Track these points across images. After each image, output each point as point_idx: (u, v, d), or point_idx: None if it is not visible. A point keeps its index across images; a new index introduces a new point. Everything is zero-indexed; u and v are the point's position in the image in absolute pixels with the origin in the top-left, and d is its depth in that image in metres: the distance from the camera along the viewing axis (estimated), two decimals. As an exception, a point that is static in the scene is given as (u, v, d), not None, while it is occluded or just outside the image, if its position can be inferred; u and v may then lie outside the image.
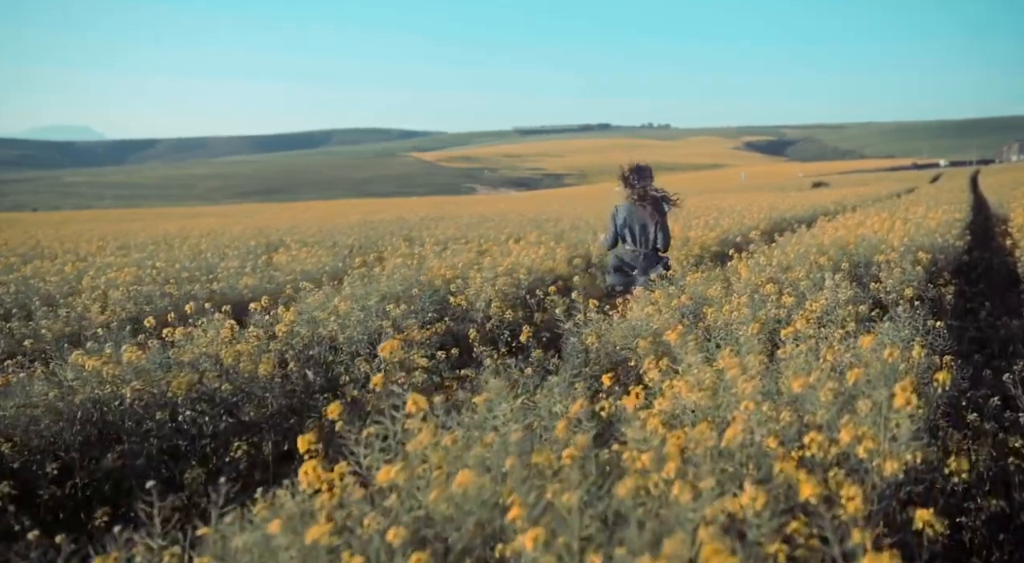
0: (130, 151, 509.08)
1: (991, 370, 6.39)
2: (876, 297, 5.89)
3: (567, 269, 8.83)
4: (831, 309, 5.16)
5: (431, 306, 6.91)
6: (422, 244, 12.21)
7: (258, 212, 44.65)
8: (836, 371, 3.16)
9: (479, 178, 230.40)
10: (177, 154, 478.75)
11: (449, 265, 7.59)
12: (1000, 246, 13.33)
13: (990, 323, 7.47)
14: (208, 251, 11.13)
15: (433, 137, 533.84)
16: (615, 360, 4.68)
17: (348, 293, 5.66)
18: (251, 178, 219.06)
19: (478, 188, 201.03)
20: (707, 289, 5.48)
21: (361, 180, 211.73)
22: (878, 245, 7.54)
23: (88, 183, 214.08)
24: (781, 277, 6.09)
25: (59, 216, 50.17)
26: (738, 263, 6.23)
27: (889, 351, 2.93)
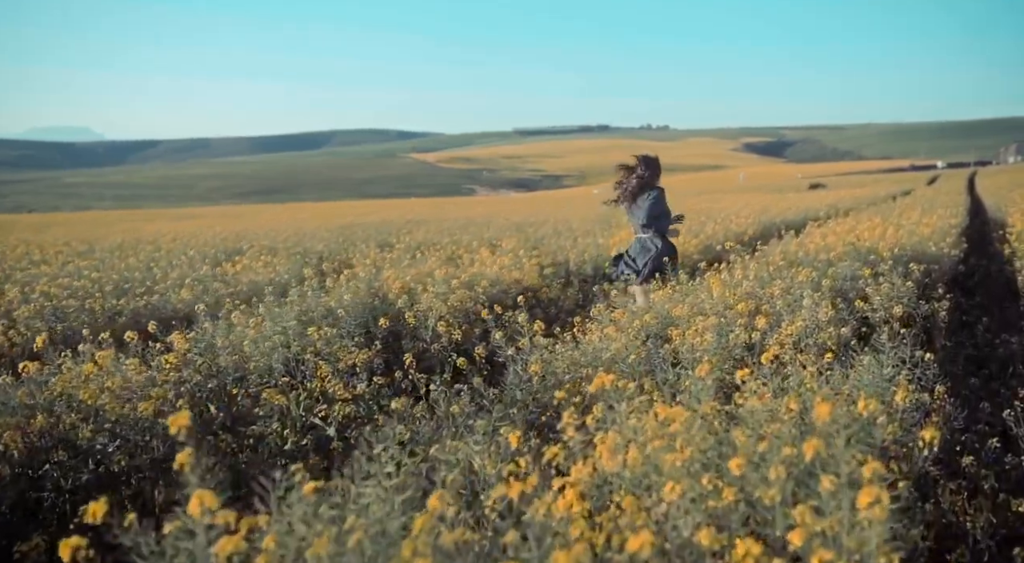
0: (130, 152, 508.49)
1: (988, 393, 5.86)
2: (862, 316, 5.33)
3: (537, 280, 8.26)
4: (810, 331, 4.60)
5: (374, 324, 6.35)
6: (392, 250, 11.64)
7: (250, 214, 44.07)
8: (801, 424, 2.61)
9: (479, 179, 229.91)
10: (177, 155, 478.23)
11: (412, 276, 7.01)
12: (997, 252, 12.76)
13: (988, 340, 6.91)
14: (164, 258, 10.55)
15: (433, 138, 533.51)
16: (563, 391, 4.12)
17: (263, 313, 5.08)
18: (251, 179, 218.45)
19: (478, 189, 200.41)
20: (674, 308, 4.91)
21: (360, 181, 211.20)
22: (867, 255, 6.98)
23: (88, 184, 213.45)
24: (760, 292, 5.53)
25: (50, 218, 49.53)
26: (711, 277, 5.67)
27: (864, 404, 2.37)
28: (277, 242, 13.76)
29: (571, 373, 4.13)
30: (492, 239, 12.78)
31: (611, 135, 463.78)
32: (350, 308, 5.79)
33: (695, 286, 5.68)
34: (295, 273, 8.56)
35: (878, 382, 2.98)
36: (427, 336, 5.81)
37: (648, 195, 6.76)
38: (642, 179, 6.77)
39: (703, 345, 4.02)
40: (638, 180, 6.77)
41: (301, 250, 12.50)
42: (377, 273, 7.35)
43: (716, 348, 4.06)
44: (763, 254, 7.76)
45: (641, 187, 6.78)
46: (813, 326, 4.60)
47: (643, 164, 6.80)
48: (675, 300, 5.32)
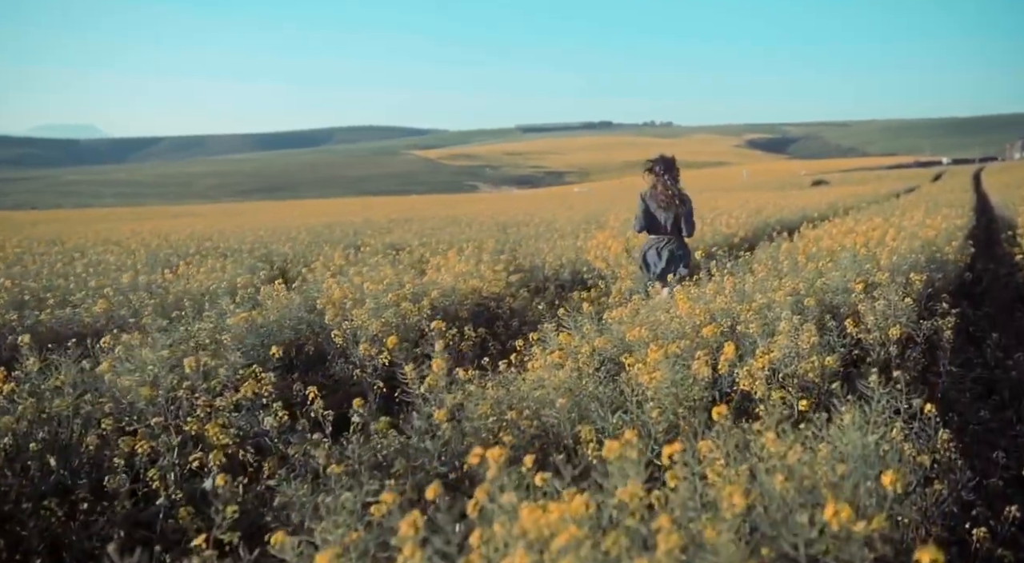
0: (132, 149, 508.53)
1: (1001, 425, 5.10)
2: (855, 338, 4.58)
3: (502, 287, 7.51)
4: (789, 360, 3.85)
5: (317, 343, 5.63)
6: (359, 252, 10.90)
7: (239, 213, 43.38)
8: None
9: (481, 176, 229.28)
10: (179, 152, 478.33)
11: (344, 289, 6.25)
12: (1006, 254, 11.97)
13: (997, 360, 6.15)
14: (105, 263, 9.81)
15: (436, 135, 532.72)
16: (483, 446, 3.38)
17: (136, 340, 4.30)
18: (251, 176, 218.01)
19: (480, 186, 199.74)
20: (630, 330, 4.16)
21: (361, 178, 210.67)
22: (863, 262, 6.21)
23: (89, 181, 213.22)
24: (737, 309, 4.78)
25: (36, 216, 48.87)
26: (679, 292, 4.90)
27: (832, 510, 1.62)
28: (244, 243, 13.02)
29: (496, 415, 3.39)
30: (468, 240, 12.03)
31: (614, 132, 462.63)
32: (266, 327, 5.05)
33: (659, 302, 4.93)
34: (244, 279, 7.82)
35: (861, 454, 2.23)
36: (357, 360, 5.07)
37: (687, 200, 6.69)
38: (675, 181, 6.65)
39: (653, 383, 3.27)
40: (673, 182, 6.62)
41: (265, 252, 11.77)
42: (316, 283, 6.61)
43: (669, 388, 3.31)
44: (747, 261, 7.00)
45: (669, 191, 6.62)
46: (792, 355, 3.85)
47: (663, 164, 6.68)
48: (637, 319, 4.57)
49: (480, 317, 7.15)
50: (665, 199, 6.60)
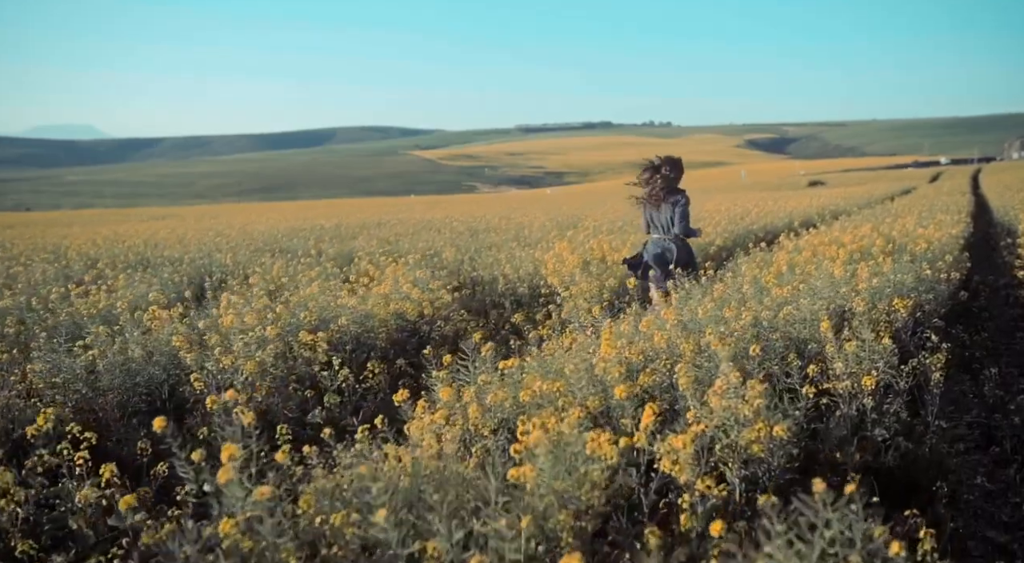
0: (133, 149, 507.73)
1: (1002, 488, 4.23)
2: (821, 389, 3.70)
3: (437, 308, 6.63)
4: (728, 427, 2.98)
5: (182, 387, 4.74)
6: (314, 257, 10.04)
7: (222, 214, 42.51)
8: None
9: (480, 176, 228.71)
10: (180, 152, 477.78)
11: (255, 310, 5.37)
12: (1006, 265, 11.09)
13: (998, 399, 5.27)
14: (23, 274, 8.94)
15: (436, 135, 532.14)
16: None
17: None
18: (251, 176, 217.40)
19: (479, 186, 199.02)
20: (531, 382, 3.29)
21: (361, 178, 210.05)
22: (839, 285, 5.33)
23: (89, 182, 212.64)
24: (681, 349, 3.92)
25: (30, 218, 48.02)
26: (605, 330, 4.02)
27: None
28: (186, 252, 12.14)
29: (319, 514, 2.51)
30: (422, 250, 11.17)
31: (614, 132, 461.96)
32: (128, 365, 4.19)
33: (585, 341, 4.06)
34: (155, 297, 6.94)
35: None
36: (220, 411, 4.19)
37: (679, 200, 6.55)
38: (667, 180, 6.56)
39: (529, 478, 2.40)
40: (664, 181, 6.54)
41: (205, 262, 10.89)
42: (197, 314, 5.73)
43: (551, 483, 2.44)
44: (710, 283, 6.12)
45: (668, 190, 6.56)
46: (730, 421, 2.98)
47: (668, 165, 6.60)
48: (550, 364, 3.70)
49: (406, 344, 6.27)
50: (653, 199, 6.58)
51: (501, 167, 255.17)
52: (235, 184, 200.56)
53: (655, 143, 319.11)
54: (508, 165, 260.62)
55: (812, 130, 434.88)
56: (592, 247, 8.86)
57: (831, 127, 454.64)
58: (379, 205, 47.78)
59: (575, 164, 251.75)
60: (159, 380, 4.66)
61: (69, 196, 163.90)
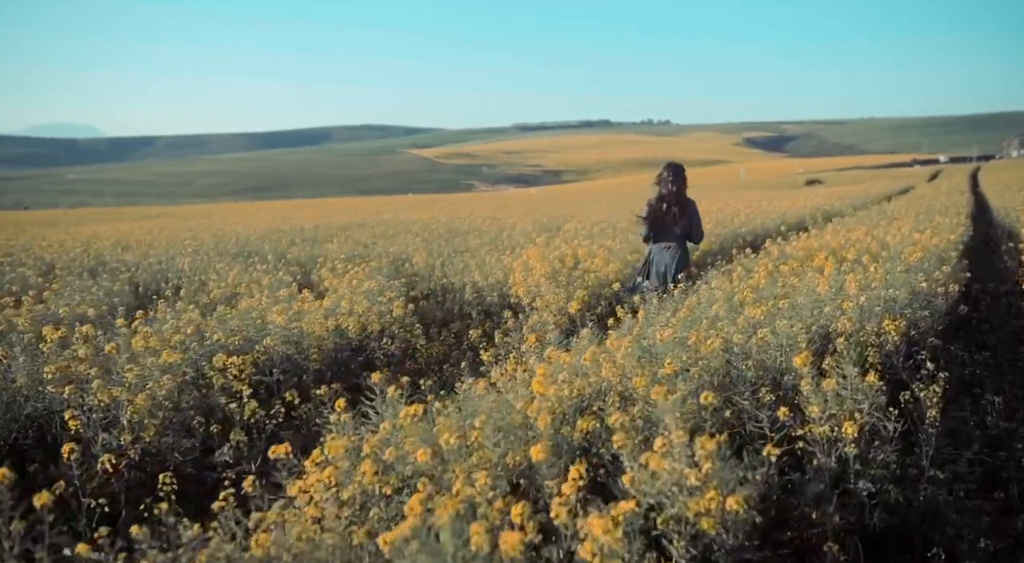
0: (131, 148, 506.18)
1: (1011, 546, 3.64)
2: (794, 435, 3.12)
3: (381, 325, 6.03)
4: (671, 497, 2.40)
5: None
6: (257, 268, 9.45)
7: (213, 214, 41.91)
8: None
9: (478, 175, 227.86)
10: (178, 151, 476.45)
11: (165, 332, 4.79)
12: (1007, 272, 10.52)
13: (1003, 430, 4.69)
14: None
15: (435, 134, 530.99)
16: None
17: None
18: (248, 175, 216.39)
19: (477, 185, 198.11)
20: (441, 433, 2.71)
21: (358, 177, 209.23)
22: (823, 303, 4.74)
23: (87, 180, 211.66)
24: (631, 387, 3.34)
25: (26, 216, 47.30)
26: (540, 365, 3.42)
27: None
28: (146, 255, 11.54)
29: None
30: (392, 255, 10.59)
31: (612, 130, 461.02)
32: None
33: (516, 378, 3.47)
34: (87, 310, 6.36)
35: None
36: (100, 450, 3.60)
37: (692, 209, 6.69)
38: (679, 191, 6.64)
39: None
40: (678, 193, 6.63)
41: (161, 268, 10.31)
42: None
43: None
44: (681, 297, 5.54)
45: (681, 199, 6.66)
46: (675, 488, 2.40)
47: (671, 172, 6.68)
48: (478, 405, 3.12)
49: (350, 364, 5.68)
50: (664, 207, 6.62)
51: (499, 166, 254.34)
52: (232, 183, 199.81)
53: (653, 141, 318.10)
54: (506, 164, 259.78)
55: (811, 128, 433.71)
56: (565, 253, 8.26)
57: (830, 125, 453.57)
58: (371, 204, 47.18)
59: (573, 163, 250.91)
60: (47, 415, 4.08)
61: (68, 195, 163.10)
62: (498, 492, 2.58)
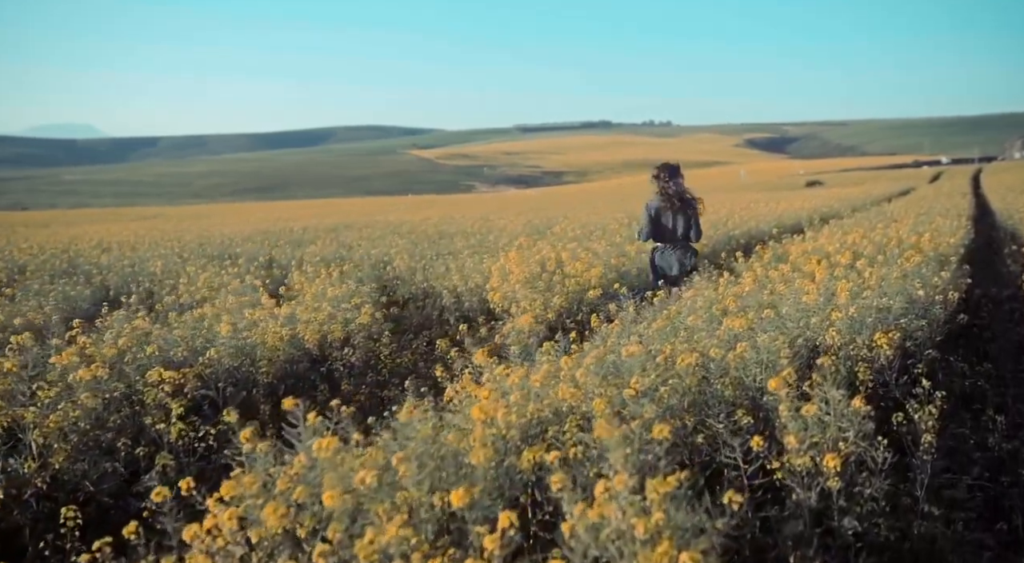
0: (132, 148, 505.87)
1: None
2: (768, 469, 2.77)
3: (345, 333, 5.68)
4: (616, 549, 2.05)
5: None
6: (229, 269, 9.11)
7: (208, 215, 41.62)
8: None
9: (479, 175, 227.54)
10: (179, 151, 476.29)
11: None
12: (1010, 276, 10.14)
13: (1006, 452, 4.33)
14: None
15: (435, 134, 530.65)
16: None
17: None
18: (249, 175, 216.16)
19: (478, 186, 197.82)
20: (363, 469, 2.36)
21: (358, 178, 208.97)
22: (810, 313, 4.39)
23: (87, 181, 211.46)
24: (587, 409, 2.99)
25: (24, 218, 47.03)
26: (481, 389, 3.07)
27: None
28: (120, 258, 11.21)
29: None
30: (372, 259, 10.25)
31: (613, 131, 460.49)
32: None
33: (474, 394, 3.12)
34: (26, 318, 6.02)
35: None
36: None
37: (690, 205, 6.76)
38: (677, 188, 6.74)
39: None
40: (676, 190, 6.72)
41: (133, 271, 9.97)
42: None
43: None
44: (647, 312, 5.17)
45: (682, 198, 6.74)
46: (620, 541, 2.05)
47: (666, 172, 6.78)
48: (408, 430, 2.77)
49: (309, 376, 5.33)
50: (668, 205, 6.68)
51: (499, 166, 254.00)
52: (232, 184, 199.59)
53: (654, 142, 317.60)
54: (507, 165, 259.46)
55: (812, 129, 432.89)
56: (547, 257, 7.90)
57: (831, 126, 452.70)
58: (368, 205, 46.89)
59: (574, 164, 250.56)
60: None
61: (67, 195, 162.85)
62: (423, 538, 2.24)
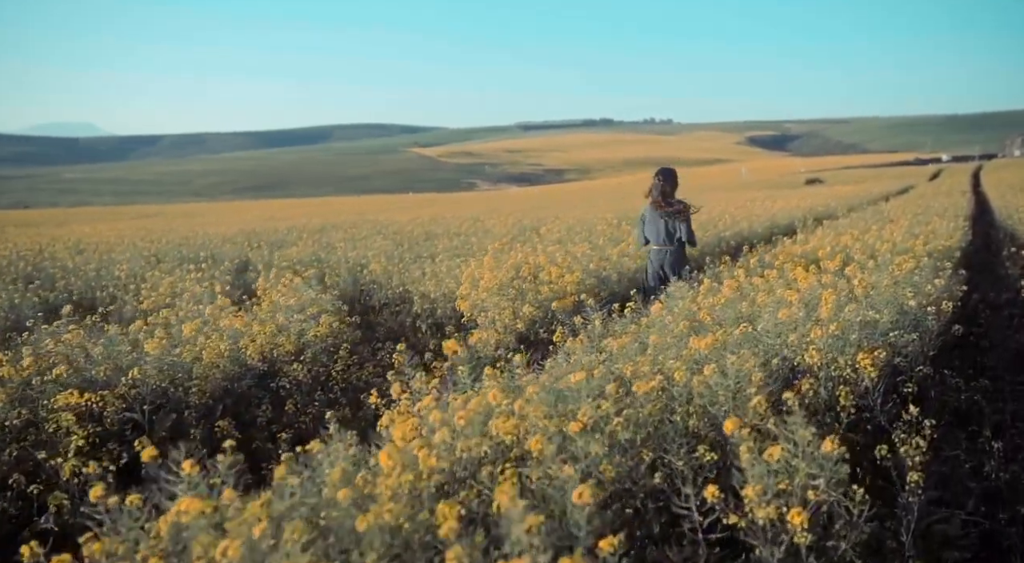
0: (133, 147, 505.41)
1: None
2: (724, 524, 2.39)
3: (297, 346, 5.29)
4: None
5: None
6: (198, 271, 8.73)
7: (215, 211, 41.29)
8: None
9: (480, 174, 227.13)
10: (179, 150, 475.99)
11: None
12: (1009, 279, 9.75)
13: (1004, 482, 3.94)
14: None
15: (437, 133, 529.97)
16: None
17: None
18: (248, 174, 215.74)
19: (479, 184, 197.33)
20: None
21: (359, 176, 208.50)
22: (787, 330, 4.00)
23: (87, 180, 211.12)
24: (515, 444, 2.60)
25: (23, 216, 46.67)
26: (399, 420, 2.70)
27: None
28: (90, 262, 10.83)
29: None
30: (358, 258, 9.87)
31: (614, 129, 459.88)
32: None
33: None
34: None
35: None
36: None
37: (681, 209, 6.90)
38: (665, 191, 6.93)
39: None
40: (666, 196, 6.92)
41: (98, 275, 9.59)
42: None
43: None
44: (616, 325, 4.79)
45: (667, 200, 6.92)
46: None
47: (661, 175, 6.99)
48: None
49: (251, 396, 4.93)
50: (657, 210, 6.90)
51: (501, 164, 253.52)
52: (231, 182, 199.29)
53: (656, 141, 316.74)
54: (508, 163, 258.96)
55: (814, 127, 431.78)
56: (522, 261, 7.51)
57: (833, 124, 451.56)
58: (364, 204, 46.56)
59: (575, 161, 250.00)
60: None
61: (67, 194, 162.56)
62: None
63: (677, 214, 6.88)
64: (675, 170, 7.21)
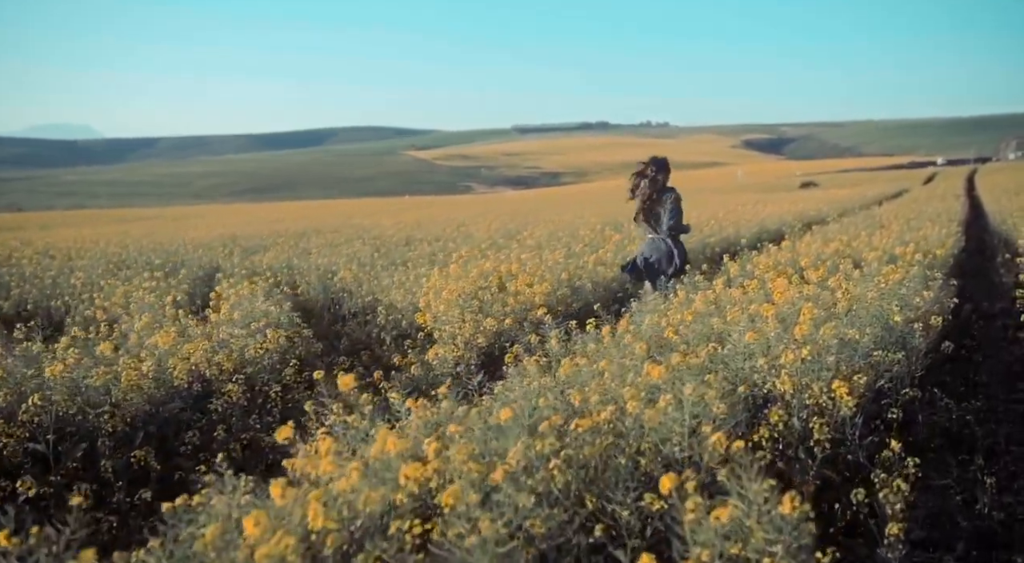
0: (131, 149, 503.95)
1: None
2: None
3: (234, 366, 4.90)
4: None
5: None
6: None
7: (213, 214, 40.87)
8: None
9: (477, 176, 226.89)
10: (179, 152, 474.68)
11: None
12: (1003, 288, 9.38)
13: (999, 521, 3.55)
14: None
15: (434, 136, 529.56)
16: None
17: None
18: (247, 176, 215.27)
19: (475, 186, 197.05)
20: None
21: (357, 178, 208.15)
22: (757, 353, 3.62)
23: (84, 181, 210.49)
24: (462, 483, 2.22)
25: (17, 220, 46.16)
26: None
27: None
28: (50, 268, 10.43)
29: None
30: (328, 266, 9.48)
31: (611, 132, 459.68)
32: None
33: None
34: None
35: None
36: None
37: (669, 198, 6.62)
38: (655, 181, 6.62)
39: None
40: (650, 182, 6.61)
41: (53, 284, 9.19)
42: None
43: None
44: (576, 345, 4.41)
45: (655, 189, 6.63)
46: None
47: (653, 165, 6.68)
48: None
49: (179, 422, 4.53)
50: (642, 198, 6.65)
51: (498, 167, 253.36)
52: (231, 184, 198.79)
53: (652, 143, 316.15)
54: (505, 166, 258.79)
55: (809, 130, 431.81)
56: (488, 269, 7.12)
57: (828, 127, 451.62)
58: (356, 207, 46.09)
59: (571, 164, 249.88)
60: None
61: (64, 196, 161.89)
62: None
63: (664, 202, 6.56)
64: (665, 159, 6.84)
